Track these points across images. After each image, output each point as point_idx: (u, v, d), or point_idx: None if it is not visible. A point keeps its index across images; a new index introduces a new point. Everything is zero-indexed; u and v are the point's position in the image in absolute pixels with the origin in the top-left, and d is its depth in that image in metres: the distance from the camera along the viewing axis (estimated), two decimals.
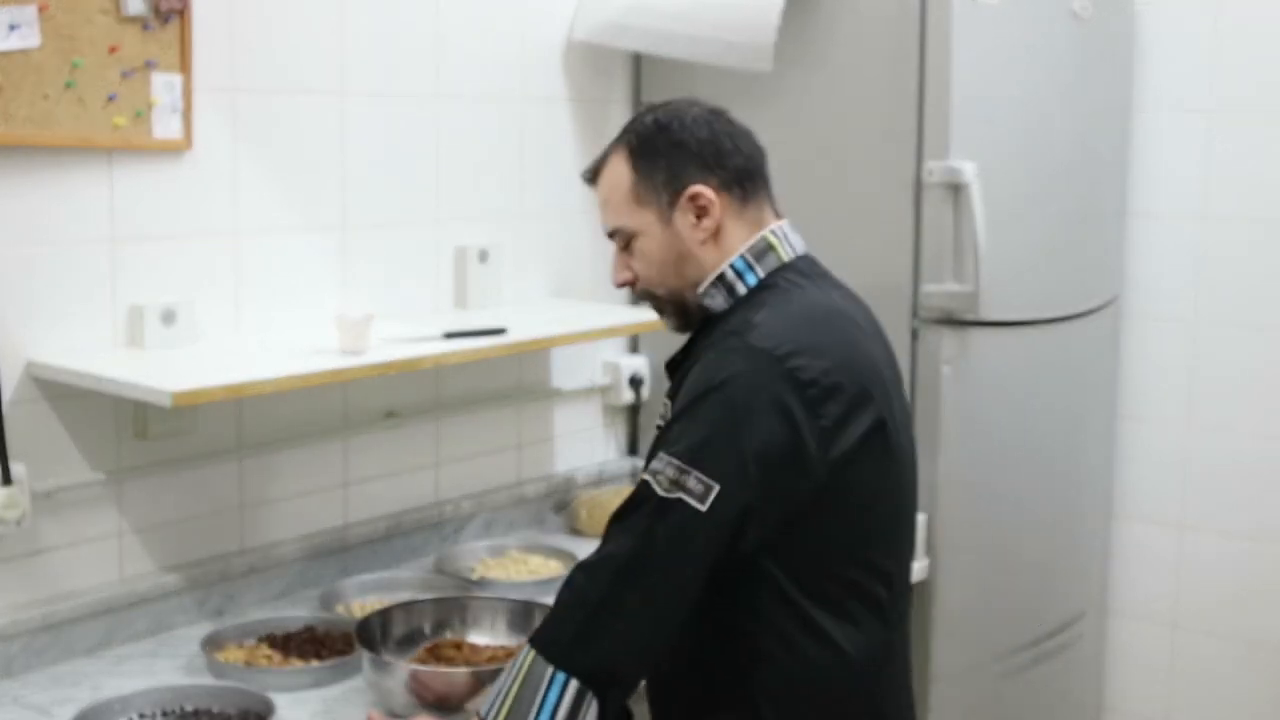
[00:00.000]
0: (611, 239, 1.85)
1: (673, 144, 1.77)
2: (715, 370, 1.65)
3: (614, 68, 2.96)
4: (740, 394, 1.62)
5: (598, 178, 1.85)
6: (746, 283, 1.76)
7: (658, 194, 1.77)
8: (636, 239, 1.80)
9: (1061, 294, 2.84)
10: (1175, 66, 3.03)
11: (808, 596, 1.68)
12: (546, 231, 2.84)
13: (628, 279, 1.84)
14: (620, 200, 1.80)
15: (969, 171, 2.53)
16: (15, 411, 2.03)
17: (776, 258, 1.78)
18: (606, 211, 1.83)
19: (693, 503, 1.59)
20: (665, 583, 1.60)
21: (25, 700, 1.97)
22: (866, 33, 2.63)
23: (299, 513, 2.44)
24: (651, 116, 1.82)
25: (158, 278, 2.19)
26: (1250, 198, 2.98)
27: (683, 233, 1.77)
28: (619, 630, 1.61)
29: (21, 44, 1.97)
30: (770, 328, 1.67)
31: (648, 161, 1.78)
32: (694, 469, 1.60)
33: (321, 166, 2.42)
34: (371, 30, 2.47)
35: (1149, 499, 3.16)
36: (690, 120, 1.79)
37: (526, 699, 1.60)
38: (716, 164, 1.77)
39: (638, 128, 1.82)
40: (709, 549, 1.61)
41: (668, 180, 1.77)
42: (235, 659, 2.08)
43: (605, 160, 1.83)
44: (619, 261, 1.85)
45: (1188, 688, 3.15)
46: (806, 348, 1.66)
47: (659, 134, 1.79)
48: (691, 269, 1.78)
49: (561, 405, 2.94)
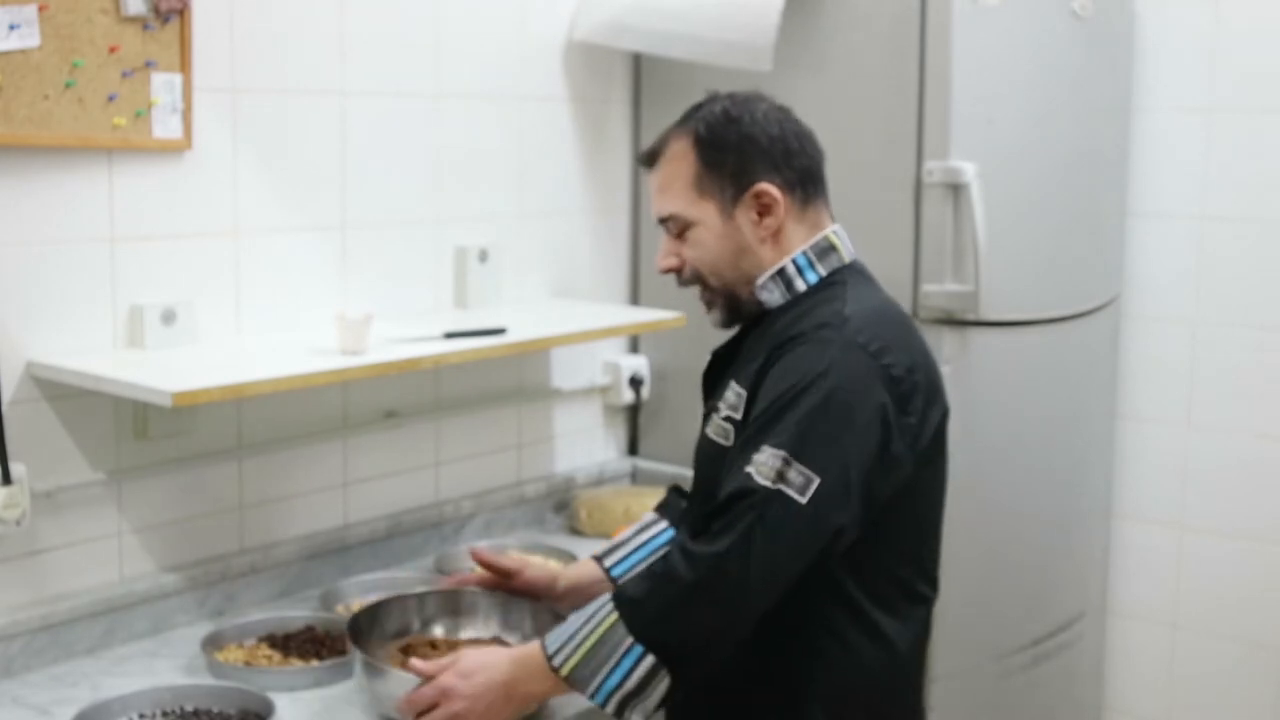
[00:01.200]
0: (663, 224, 1.82)
1: (743, 137, 1.76)
2: (815, 361, 1.64)
3: (614, 68, 2.96)
4: (842, 388, 1.62)
5: (656, 161, 1.82)
6: (807, 280, 1.77)
7: (722, 187, 1.76)
8: (692, 228, 1.78)
9: (1061, 294, 2.84)
10: (1175, 66, 3.03)
11: (866, 595, 1.70)
12: (546, 231, 2.84)
13: (674, 265, 1.82)
14: (681, 188, 1.78)
15: (969, 172, 2.53)
16: (15, 411, 2.03)
17: (839, 257, 1.79)
18: (664, 197, 1.80)
19: (794, 495, 1.59)
20: (760, 575, 1.60)
21: (25, 700, 1.97)
22: (866, 33, 2.63)
23: (299, 513, 2.44)
24: (721, 106, 1.79)
25: (158, 278, 2.19)
26: (1250, 197, 2.98)
27: (743, 228, 1.76)
28: (706, 617, 1.61)
29: (21, 44, 1.97)
30: (861, 322, 1.68)
31: (716, 152, 1.76)
32: (796, 461, 1.59)
33: (322, 166, 2.42)
34: (371, 30, 2.47)
35: (1149, 499, 3.16)
36: (761, 115, 1.78)
37: (601, 657, 1.61)
38: (784, 163, 1.77)
39: (706, 116, 1.78)
40: (806, 542, 1.61)
41: (735, 174, 1.75)
42: (235, 659, 2.08)
43: (666, 144, 1.80)
44: (668, 247, 1.83)
45: (1187, 688, 3.15)
46: (893, 344, 1.69)
47: (729, 125, 1.76)
48: (748, 264, 1.77)
49: (561, 405, 2.94)
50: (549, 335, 2.54)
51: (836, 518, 1.62)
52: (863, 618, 1.71)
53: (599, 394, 3.02)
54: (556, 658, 1.65)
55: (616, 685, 1.61)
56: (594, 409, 3.02)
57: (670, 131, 1.82)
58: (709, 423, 1.82)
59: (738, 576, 1.59)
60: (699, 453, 1.86)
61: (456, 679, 1.71)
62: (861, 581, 1.70)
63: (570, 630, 1.66)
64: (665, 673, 1.61)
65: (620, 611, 1.62)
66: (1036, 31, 2.70)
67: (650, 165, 1.83)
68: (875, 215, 2.65)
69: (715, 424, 1.79)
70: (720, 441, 1.77)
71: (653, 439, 3.08)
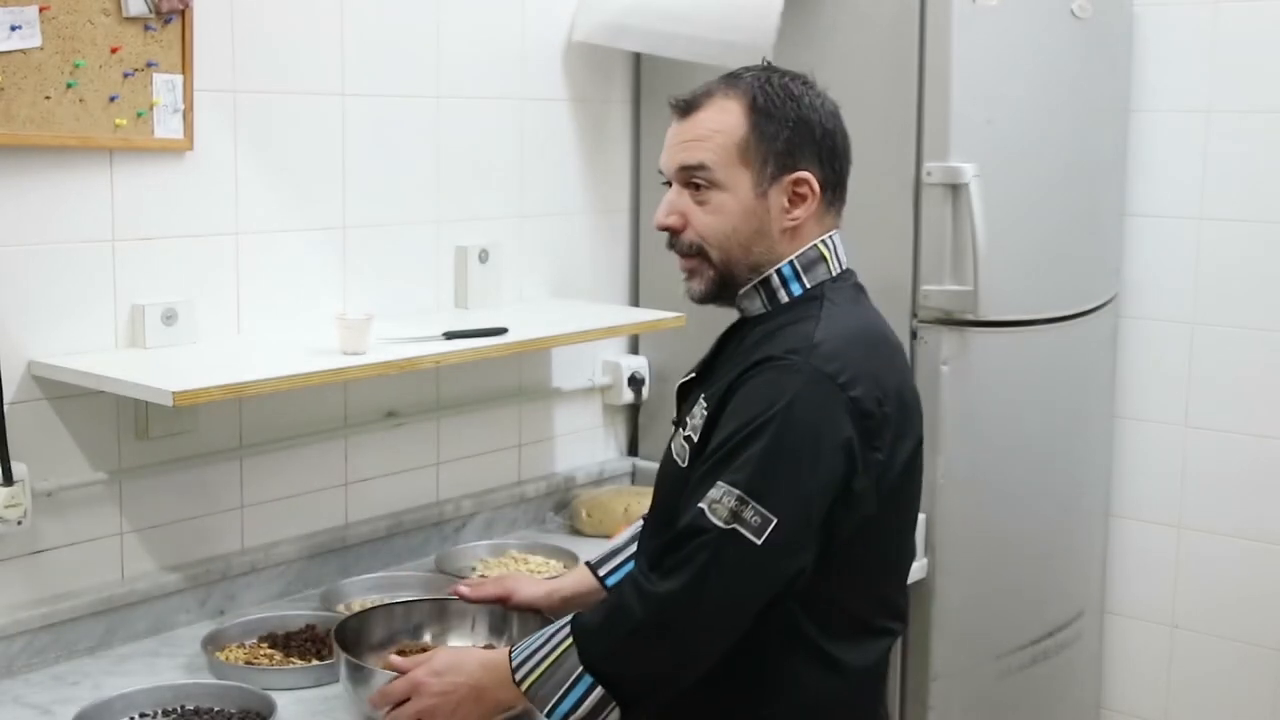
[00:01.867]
0: (678, 176, 1.70)
1: (800, 119, 1.67)
2: (777, 392, 1.57)
3: (614, 68, 2.96)
4: (804, 422, 1.56)
5: (693, 110, 1.69)
6: (790, 291, 1.70)
7: (766, 161, 1.66)
8: (718, 192, 1.67)
9: (1060, 294, 2.85)
10: (1174, 67, 3.04)
11: (820, 630, 1.66)
12: (546, 231, 2.85)
13: (676, 224, 1.71)
14: (722, 145, 1.66)
15: (968, 172, 2.54)
16: (16, 411, 2.03)
17: (825, 270, 1.72)
18: (698, 147, 1.67)
19: (749, 535, 1.54)
20: (712, 617, 1.58)
21: (26, 699, 1.97)
22: (866, 33, 2.63)
23: (300, 512, 2.45)
24: (781, 80, 1.69)
25: (159, 278, 2.20)
26: (1248, 198, 2.98)
27: (771, 211, 1.67)
28: (656, 655, 1.60)
29: (23, 44, 1.97)
30: (831, 348, 1.61)
31: (770, 124, 1.66)
32: (753, 500, 1.54)
33: (322, 167, 2.43)
34: (372, 31, 2.47)
35: (1147, 499, 3.16)
36: (820, 103, 1.70)
37: (557, 680, 1.60)
38: (829, 159, 1.70)
39: (764, 85, 1.67)
40: (761, 584, 1.58)
41: (782, 153, 1.66)
42: (236, 658, 2.08)
43: (711, 97, 1.69)
44: (674, 203, 1.71)
45: (1186, 687, 3.16)
46: (864, 374, 1.61)
47: (789, 102, 1.67)
48: (760, 248, 1.69)
49: (561, 405, 2.94)
50: (549, 335, 2.54)
51: (794, 560, 1.58)
52: (817, 650, 1.66)
53: (599, 394, 3.02)
54: (519, 671, 1.64)
55: (569, 710, 1.60)
56: (594, 409, 3.03)
57: (717, 89, 1.70)
58: (674, 437, 1.77)
59: (689, 617, 1.57)
60: (661, 469, 1.82)
61: (428, 675, 1.70)
62: (815, 617, 1.65)
63: (533, 646, 1.65)
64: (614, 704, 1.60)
65: (575, 639, 1.61)
66: (1036, 32, 2.71)
67: (685, 113, 1.70)
68: (875, 215, 2.65)
69: (678, 441, 1.74)
70: (678, 462, 1.72)
71: (653, 439, 3.08)
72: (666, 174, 1.73)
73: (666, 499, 1.75)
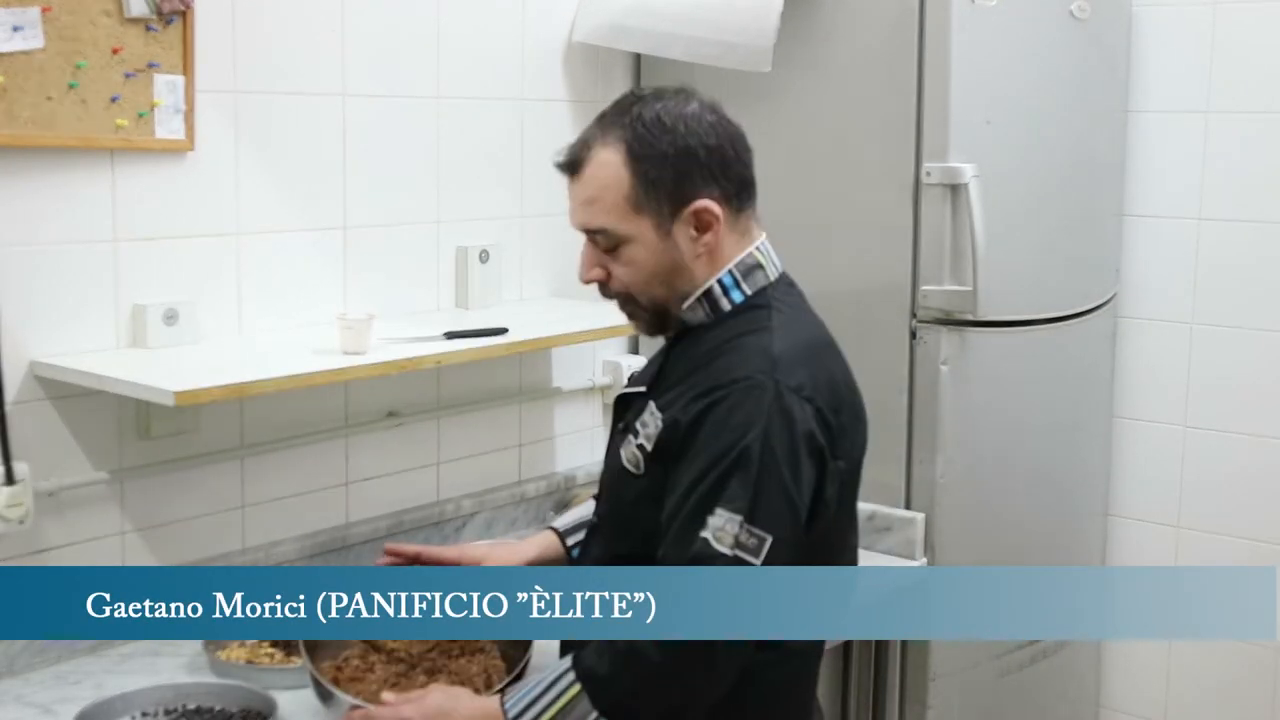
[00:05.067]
0: (588, 236, 1.72)
1: (679, 150, 1.64)
2: (753, 415, 1.58)
3: (614, 69, 2.96)
4: (784, 442, 1.58)
5: (577, 169, 1.69)
6: (732, 299, 1.71)
7: (659, 203, 1.65)
8: (625, 246, 1.68)
9: (1059, 294, 2.85)
10: (1172, 68, 3.04)
11: None
12: (547, 232, 2.85)
13: (600, 276, 1.72)
14: (612, 203, 1.66)
15: (967, 172, 2.54)
16: (18, 411, 2.04)
17: (764, 276, 1.73)
18: (591, 210, 1.68)
19: (750, 559, 1.56)
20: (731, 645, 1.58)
21: (28, 699, 1.97)
22: (866, 34, 2.63)
23: (300, 512, 2.45)
24: (652, 113, 1.66)
25: (160, 278, 2.20)
26: (1247, 199, 2.98)
27: (680, 245, 1.67)
28: (679, 691, 1.59)
29: (25, 45, 1.98)
30: (791, 362, 1.63)
31: (651, 166, 1.64)
32: (750, 525, 1.56)
33: (323, 167, 2.43)
34: (372, 31, 2.48)
35: (1145, 499, 3.16)
36: (695, 122, 1.66)
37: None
38: (722, 174, 1.67)
39: (636, 125, 1.65)
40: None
41: (672, 190, 1.65)
42: (237, 657, 2.08)
43: (590, 152, 1.67)
44: (591, 258, 1.72)
45: (1185, 687, 3.16)
46: (822, 385, 1.65)
47: (663, 135, 1.64)
48: (682, 281, 1.69)
49: (562, 405, 2.95)
50: (549, 335, 2.54)
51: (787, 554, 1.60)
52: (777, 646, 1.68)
53: (599, 394, 3.03)
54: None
55: None
56: (594, 409, 3.03)
57: (594, 137, 1.68)
58: (623, 444, 1.75)
59: (707, 653, 1.57)
60: (610, 476, 1.81)
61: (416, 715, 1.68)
62: None
63: (531, 695, 1.62)
64: None
65: (585, 686, 1.59)
66: (1035, 33, 2.71)
67: (572, 172, 1.70)
68: (874, 216, 2.66)
69: (630, 449, 1.72)
70: (631, 469, 1.71)
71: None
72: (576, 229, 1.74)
73: (619, 506, 1.76)
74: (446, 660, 1.92)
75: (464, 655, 1.93)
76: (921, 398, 2.64)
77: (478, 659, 1.92)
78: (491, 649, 1.95)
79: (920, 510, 2.67)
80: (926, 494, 2.66)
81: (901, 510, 2.68)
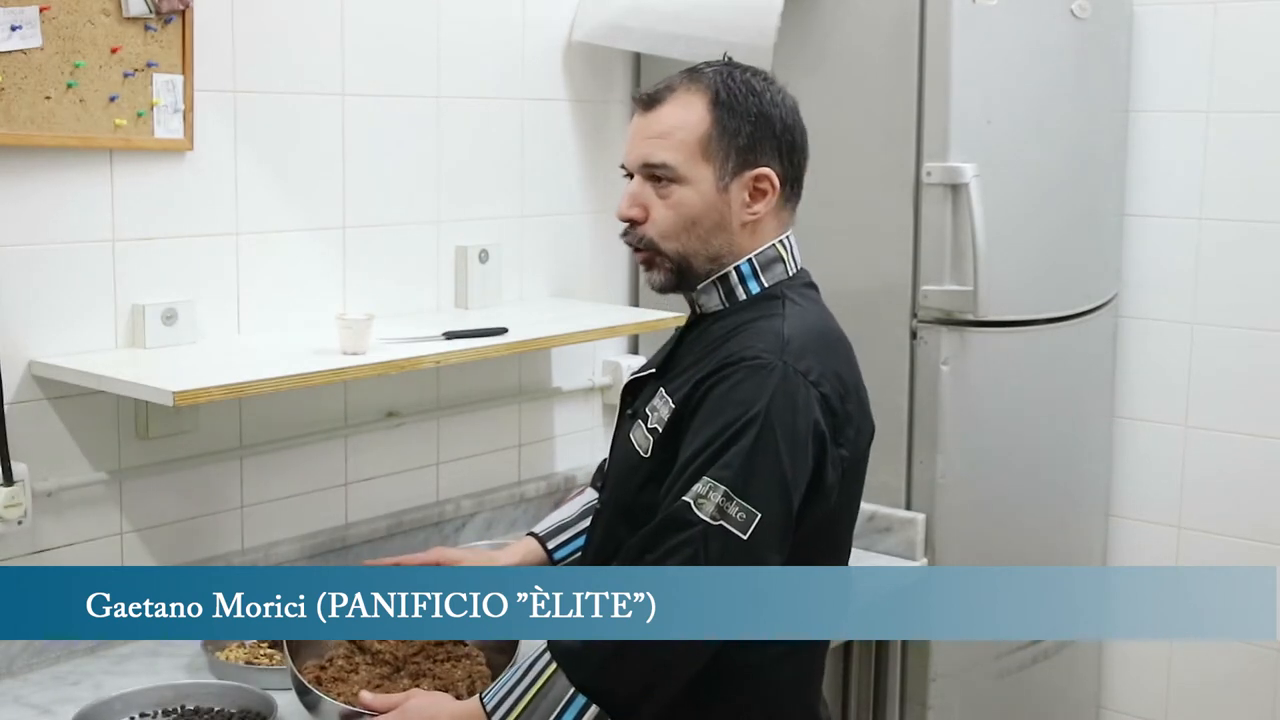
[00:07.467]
0: (640, 170, 1.72)
1: (761, 114, 1.70)
2: (756, 392, 1.60)
3: (614, 69, 2.96)
4: (785, 421, 1.59)
5: (656, 105, 1.72)
6: (748, 289, 1.73)
7: (726, 157, 1.69)
8: (681, 186, 1.70)
9: (1060, 294, 2.85)
10: (1173, 67, 3.04)
11: None
12: (547, 231, 2.85)
13: (639, 215, 1.73)
14: (683, 141, 1.68)
15: (968, 172, 2.54)
16: (17, 411, 2.04)
17: (783, 269, 1.75)
18: (660, 144, 1.70)
19: (735, 531, 1.55)
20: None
21: (27, 699, 1.97)
22: (866, 33, 2.63)
23: (300, 512, 2.45)
24: (743, 75, 1.72)
25: (159, 278, 2.20)
26: (1248, 198, 2.98)
27: (732, 205, 1.70)
28: (652, 661, 1.58)
29: (23, 44, 1.98)
30: (800, 346, 1.64)
31: (732, 119, 1.69)
32: (738, 497, 1.56)
33: (322, 167, 2.43)
34: (372, 31, 2.47)
35: (1146, 499, 3.16)
36: (780, 98, 1.73)
37: (543, 710, 1.57)
38: (788, 156, 1.73)
39: (726, 80, 1.70)
40: None
41: (744, 149, 1.69)
42: (236, 658, 2.09)
43: (674, 92, 1.71)
44: (636, 195, 1.73)
45: (1185, 687, 3.16)
46: (829, 372, 1.66)
47: (750, 97, 1.70)
48: (719, 241, 1.72)
49: (561, 405, 2.95)
50: (549, 335, 2.54)
51: (775, 554, 1.59)
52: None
53: (599, 394, 3.02)
54: (496, 713, 1.61)
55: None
56: (594, 409, 3.03)
57: (680, 81, 1.72)
58: (632, 428, 1.77)
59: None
60: (616, 461, 1.82)
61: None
62: None
63: (509, 684, 1.62)
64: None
65: (560, 663, 1.58)
66: (1035, 32, 2.71)
67: (649, 106, 1.73)
68: (874, 215, 2.66)
69: (640, 433, 1.74)
70: (639, 452, 1.73)
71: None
72: (630, 167, 1.76)
73: (625, 491, 1.77)
74: (432, 665, 1.91)
75: (449, 660, 1.92)
76: (922, 398, 2.64)
77: (463, 664, 1.92)
78: (477, 654, 1.95)
79: (920, 510, 2.66)
80: (926, 494, 2.66)
81: (901, 510, 2.68)
